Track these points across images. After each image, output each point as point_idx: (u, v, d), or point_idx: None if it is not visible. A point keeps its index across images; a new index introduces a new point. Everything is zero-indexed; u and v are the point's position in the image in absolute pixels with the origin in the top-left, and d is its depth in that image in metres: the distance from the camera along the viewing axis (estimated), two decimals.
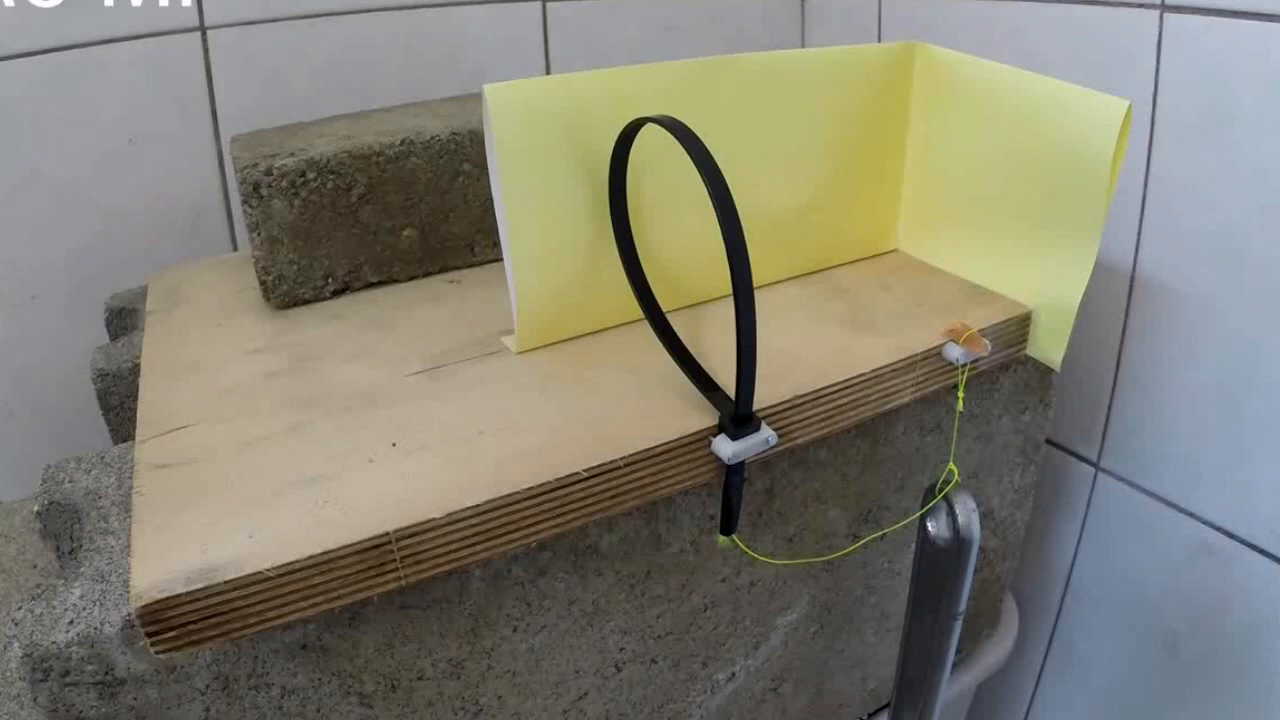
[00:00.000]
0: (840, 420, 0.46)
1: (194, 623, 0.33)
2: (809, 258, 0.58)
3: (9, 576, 0.51)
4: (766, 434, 0.41)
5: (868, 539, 0.54)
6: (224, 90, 0.66)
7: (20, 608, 0.35)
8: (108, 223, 0.66)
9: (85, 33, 0.61)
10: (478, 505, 0.37)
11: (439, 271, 0.59)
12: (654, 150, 0.44)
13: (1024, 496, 0.63)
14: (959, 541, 0.48)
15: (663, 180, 0.48)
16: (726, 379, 0.42)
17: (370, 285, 0.57)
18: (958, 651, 0.54)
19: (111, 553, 0.38)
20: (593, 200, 0.47)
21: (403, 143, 0.55)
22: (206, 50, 0.65)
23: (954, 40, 0.54)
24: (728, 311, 0.38)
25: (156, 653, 0.33)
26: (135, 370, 0.51)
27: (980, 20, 0.72)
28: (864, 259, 0.60)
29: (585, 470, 0.39)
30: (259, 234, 0.53)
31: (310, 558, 0.34)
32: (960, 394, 0.50)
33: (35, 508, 0.42)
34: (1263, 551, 0.63)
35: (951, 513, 0.48)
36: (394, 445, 0.41)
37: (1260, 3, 0.54)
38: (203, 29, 0.65)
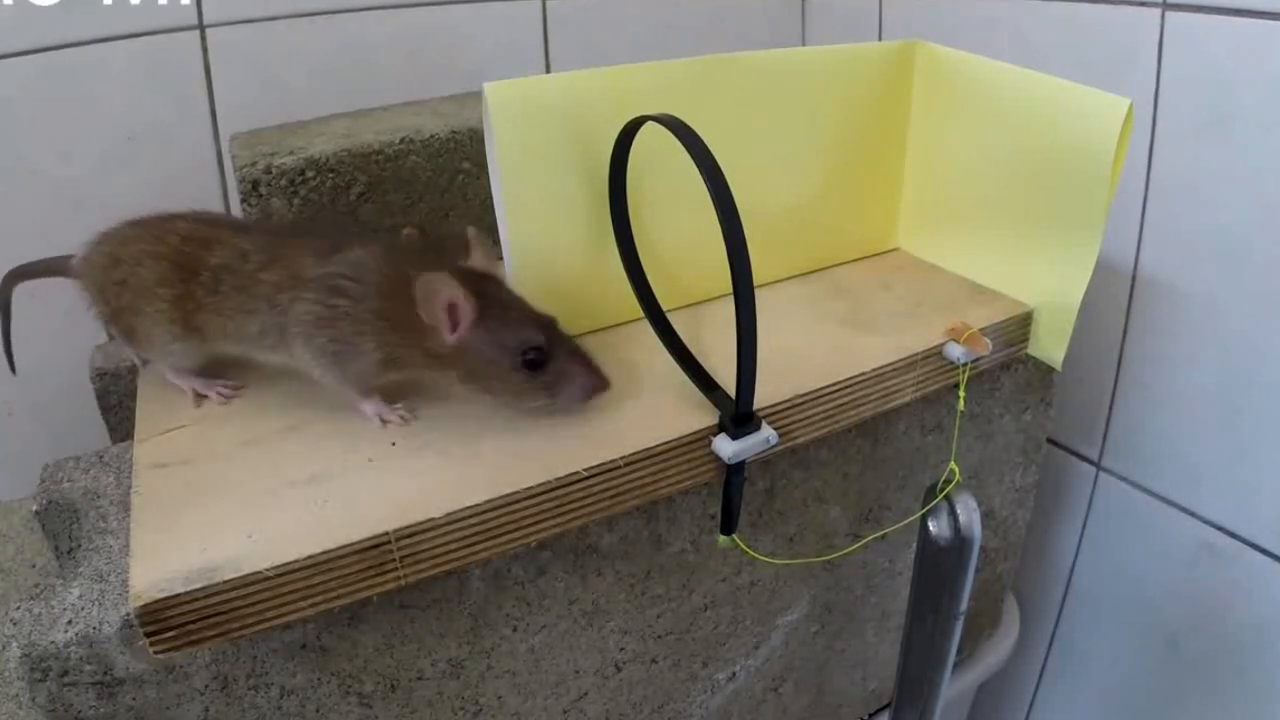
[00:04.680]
0: (841, 419, 0.46)
1: (193, 622, 0.33)
2: (809, 257, 0.58)
3: (7, 576, 0.51)
4: (767, 433, 0.41)
5: (868, 539, 0.53)
6: (223, 88, 0.66)
7: (19, 607, 0.35)
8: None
9: (84, 31, 0.61)
10: (477, 505, 0.37)
11: None
12: (654, 149, 0.44)
13: (1025, 496, 0.63)
14: (960, 541, 0.48)
15: (663, 179, 0.48)
16: (727, 378, 0.41)
17: None
18: (959, 651, 0.54)
19: (110, 552, 0.38)
20: (593, 199, 0.47)
21: (402, 141, 0.55)
22: (205, 48, 0.65)
23: (955, 39, 0.54)
24: (728, 310, 0.38)
25: (155, 653, 0.33)
26: (134, 369, 0.50)
27: (981, 19, 0.72)
28: (865, 258, 0.60)
29: (585, 470, 0.39)
30: None
31: (309, 557, 0.34)
32: (961, 393, 0.49)
33: (34, 507, 0.42)
34: (1264, 551, 0.63)
35: (952, 512, 0.48)
36: (393, 445, 0.41)
37: (1262, 1, 0.54)
38: (201, 27, 0.64)
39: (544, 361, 0.40)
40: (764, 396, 0.42)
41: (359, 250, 0.41)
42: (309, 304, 0.40)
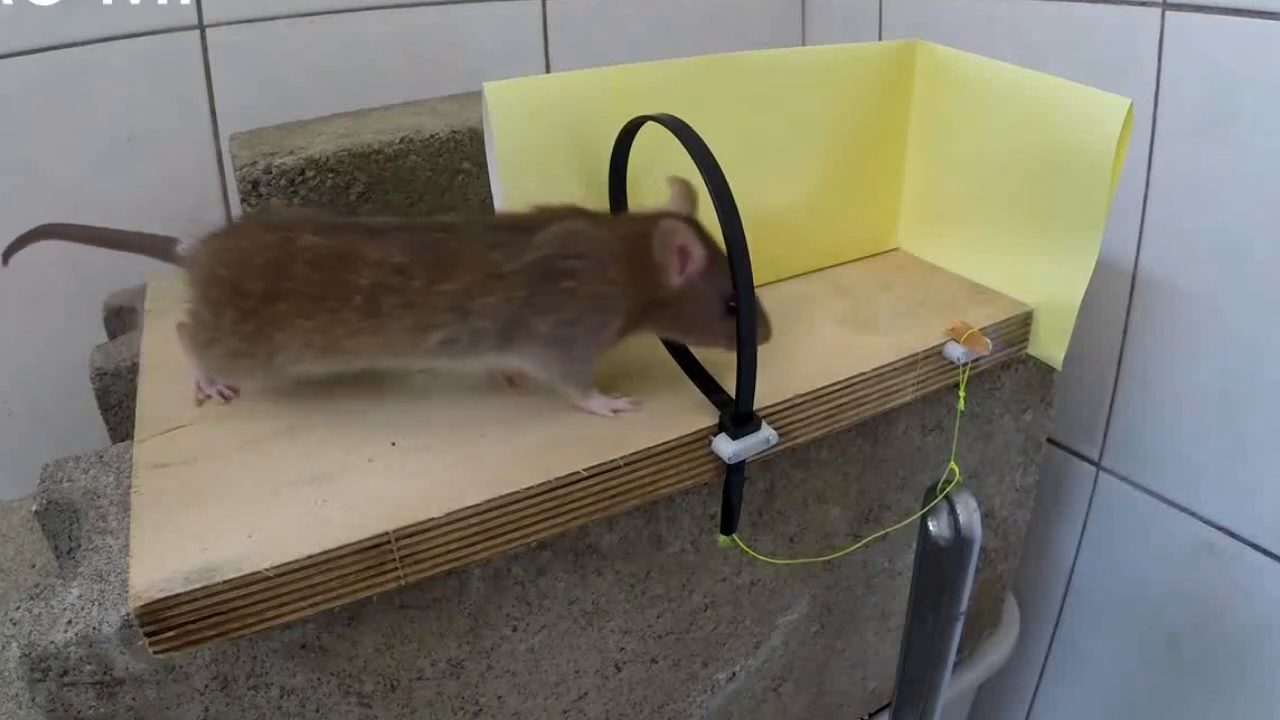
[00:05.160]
0: (841, 419, 0.46)
1: (193, 622, 0.33)
2: (810, 256, 0.58)
3: (7, 576, 0.51)
4: (767, 433, 0.41)
5: (869, 538, 0.53)
6: (223, 88, 0.66)
7: (19, 607, 0.35)
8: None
9: (84, 30, 0.61)
10: (477, 505, 0.37)
11: None
12: (654, 149, 0.44)
13: (1025, 496, 0.63)
14: (960, 541, 0.48)
15: (663, 179, 0.48)
16: (727, 378, 0.41)
17: None
18: (959, 651, 0.54)
19: (110, 552, 0.38)
20: (593, 199, 0.47)
21: (402, 141, 0.55)
22: (205, 48, 0.65)
23: (955, 38, 0.54)
24: None
25: (155, 653, 0.33)
26: (134, 369, 0.50)
27: (981, 18, 0.72)
28: (865, 258, 0.60)
29: (585, 470, 0.39)
30: None
31: (309, 557, 0.34)
32: (961, 393, 0.49)
33: (34, 507, 0.42)
34: (1265, 551, 0.63)
35: (953, 512, 0.48)
36: (393, 444, 0.41)
37: (1262, 1, 0.54)
38: (201, 27, 0.64)
39: None
40: (764, 396, 0.42)
41: (560, 226, 0.40)
42: (527, 296, 0.39)
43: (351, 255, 0.39)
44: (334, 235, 0.40)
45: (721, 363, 0.45)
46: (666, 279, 0.41)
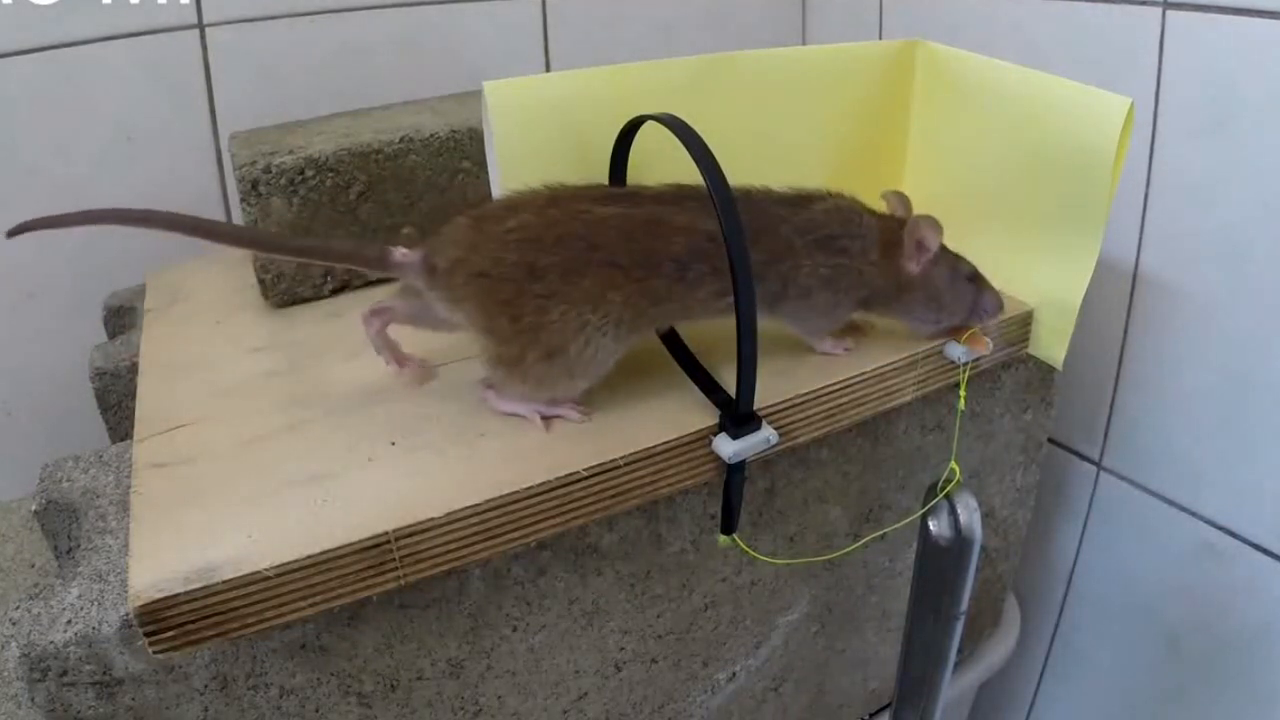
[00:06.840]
0: (841, 419, 0.46)
1: (192, 622, 0.33)
2: None
3: (7, 576, 0.51)
4: (767, 433, 0.41)
5: (869, 538, 0.53)
6: (223, 87, 0.66)
7: (18, 607, 0.35)
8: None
9: (83, 30, 0.61)
10: (477, 505, 0.37)
11: None
12: (654, 148, 0.44)
13: (1026, 495, 0.63)
14: (960, 541, 0.48)
15: (663, 178, 0.48)
16: (727, 378, 0.41)
17: (369, 283, 0.57)
18: (959, 651, 0.54)
19: (109, 552, 0.38)
20: None
21: (402, 140, 0.55)
22: (205, 47, 0.65)
23: (955, 38, 0.54)
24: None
25: (155, 653, 0.33)
26: (133, 369, 0.50)
27: (982, 18, 0.72)
28: None
29: (585, 469, 0.39)
30: None
31: (309, 557, 0.34)
32: (962, 393, 0.49)
33: (33, 507, 0.42)
34: (1265, 551, 0.63)
35: (953, 512, 0.48)
36: (393, 444, 0.41)
37: (1262, 1, 0.54)
38: (201, 26, 0.64)
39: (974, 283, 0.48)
40: (764, 396, 0.42)
41: (836, 202, 0.46)
42: (814, 267, 0.44)
43: (661, 220, 0.41)
44: (630, 204, 0.42)
45: (722, 363, 0.45)
46: (906, 266, 0.46)
